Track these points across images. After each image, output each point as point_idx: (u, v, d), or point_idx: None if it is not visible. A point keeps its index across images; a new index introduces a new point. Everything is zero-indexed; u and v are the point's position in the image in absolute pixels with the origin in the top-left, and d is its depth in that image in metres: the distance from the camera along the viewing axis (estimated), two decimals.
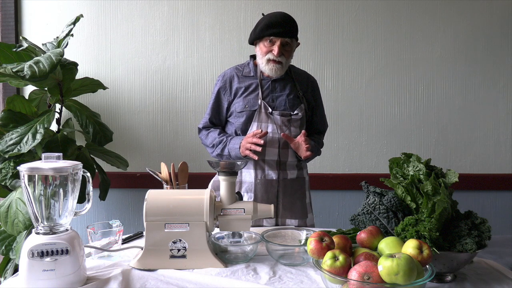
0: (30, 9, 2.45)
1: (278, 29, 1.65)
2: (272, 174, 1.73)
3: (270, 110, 1.72)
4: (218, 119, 1.82)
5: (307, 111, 1.82)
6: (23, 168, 1.01)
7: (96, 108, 2.40)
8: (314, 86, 1.88)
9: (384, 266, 0.89)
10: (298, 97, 1.79)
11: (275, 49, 1.67)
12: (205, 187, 1.53)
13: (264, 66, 1.71)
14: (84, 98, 2.38)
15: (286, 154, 1.74)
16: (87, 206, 1.15)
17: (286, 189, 1.76)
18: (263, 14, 1.75)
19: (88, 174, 1.12)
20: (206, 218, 1.18)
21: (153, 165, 2.42)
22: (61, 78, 2.01)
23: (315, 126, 1.90)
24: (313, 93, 1.86)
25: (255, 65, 1.79)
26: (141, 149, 2.51)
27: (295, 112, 1.75)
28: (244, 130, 1.74)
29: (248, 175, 1.75)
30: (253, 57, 1.83)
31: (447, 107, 2.49)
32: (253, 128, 1.72)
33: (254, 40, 1.74)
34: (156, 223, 1.17)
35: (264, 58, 1.70)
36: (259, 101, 1.73)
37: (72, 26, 1.99)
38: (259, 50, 1.73)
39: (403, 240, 1.04)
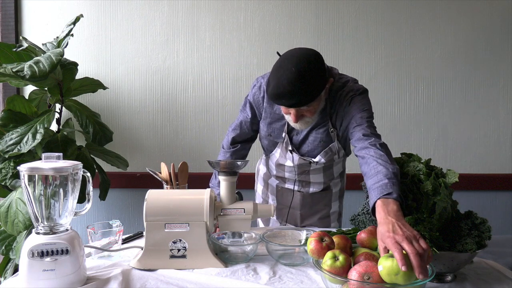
0: (30, 9, 2.45)
1: (287, 101, 1.32)
2: (291, 187, 1.72)
3: (290, 148, 1.58)
4: (251, 130, 1.66)
5: (339, 150, 1.58)
6: (23, 168, 1.01)
7: (96, 108, 2.40)
8: (350, 109, 1.45)
9: (384, 266, 0.89)
10: (329, 134, 1.53)
11: (292, 116, 1.39)
12: (205, 187, 1.53)
13: (289, 122, 1.47)
14: (84, 98, 2.38)
15: (308, 176, 1.67)
16: (87, 206, 1.15)
17: (305, 201, 1.72)
18: (278, 54, 1.40)
19: (88, 174, 1.12)
20: (206, 218, 1.18)
21: (153, 165, 2.42)
22: (61, 78, 2.01)
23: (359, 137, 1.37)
24: (345, 116, 1.47)
25: None
26: (141, 149, 2.51)
27: (317, 159, 1.57)
28: (269, 150, 1.71)
29: (273, 180, 1.77)
30: None
31: (447, 107, 2.49)
32: (277, 151, 1.65)
33: None
34: (156, 223, 1.17)
35: (286, 116, 1.46)
36: (283, 134, 1.57)
37: (72, 26, 1.99)
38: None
39: None
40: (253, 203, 1.28)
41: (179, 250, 1.18)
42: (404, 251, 0.90)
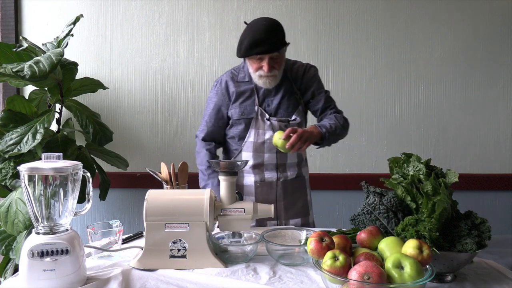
0: (30, 9, 2.45)
1: (263, 47, 1.57)
2: (271, 176, 1.74)
3: (267, 116, 1.71)
4: (216, 126, 1.79)
5: (306, 111, 1.82)
6: (23, 168, 1.01)
7: (96, 108, 2.40)
8: (310, 76, 1.78)
9: (277, 135, 1.45)
10: (296, 99, 1.76)
11: (265, 66, 1.62)
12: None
13: (258, 80, 1.68)
14: (84, 98, 2.38)
15: (285, 156, 1.74)
16: (87, 206, 1.15)
17: (286, 190, 1.76)
18: (245, 23, 1.67)
19: (88, 174, 1.12)
20: (206, 218, 1.18)
21: (153, 165, 2.42)
22: (61, 78, 2.01)
23: (326, 109, 1.78)
24: (309, 83, 1.78)
25: None
26: (141, 149, 2.51)
27: (293, 118, 1.73)
28: (242, 137, 1.74)
29: (248, 178, 1.75)
30: None
31: (447, 107, 2.49)
32: (251, 135, 1.72)
33: (241, 57, 1.68)
34: (156, 223, 1.17)
35: (256, 74, 1.66)
36: (256, 108, 1.72)
37: (72, 26, 1.99)
38: (250, 65, 1.68)
39: (403, 240, 1.04)
40: (253, 203, 1.28)
41: (179, 250, 1.18)
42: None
